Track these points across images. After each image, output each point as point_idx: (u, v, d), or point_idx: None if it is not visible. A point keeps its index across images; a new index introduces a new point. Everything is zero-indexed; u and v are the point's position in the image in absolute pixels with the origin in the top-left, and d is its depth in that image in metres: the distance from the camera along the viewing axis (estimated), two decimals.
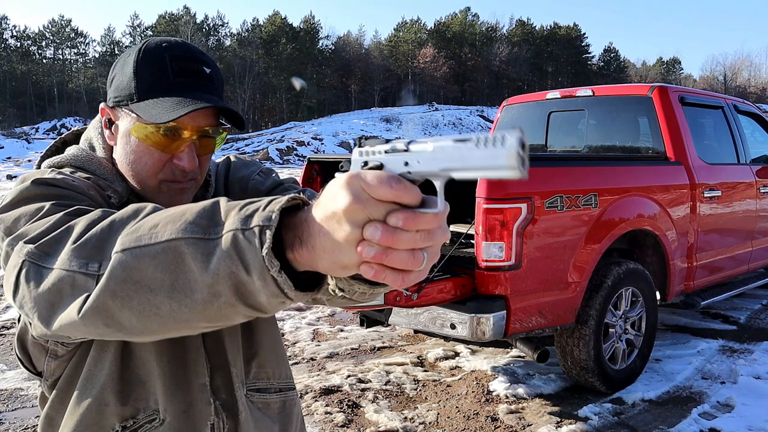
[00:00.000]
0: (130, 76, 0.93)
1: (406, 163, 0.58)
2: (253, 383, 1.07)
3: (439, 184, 0.59)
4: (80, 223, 0.74)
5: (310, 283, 0.67)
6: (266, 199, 0.65)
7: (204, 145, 0.96)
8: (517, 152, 0.50)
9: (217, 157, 1.19)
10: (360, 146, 0.64)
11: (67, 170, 0.96)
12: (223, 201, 0.68)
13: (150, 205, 0.74)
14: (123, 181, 0.99)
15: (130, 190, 0.98)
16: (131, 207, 0.75)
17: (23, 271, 0.74)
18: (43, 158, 1.04)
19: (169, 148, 0.93)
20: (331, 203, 0.58)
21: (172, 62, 0.93)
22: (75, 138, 1.09)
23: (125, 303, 0.67)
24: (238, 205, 0.66)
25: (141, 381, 0.94)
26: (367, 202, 0.56)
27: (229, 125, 1.00)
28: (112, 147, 1.00)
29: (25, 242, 0.75)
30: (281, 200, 0.63)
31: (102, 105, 1.00)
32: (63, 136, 1.10)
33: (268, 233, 0.61)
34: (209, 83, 0.96)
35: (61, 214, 0.77)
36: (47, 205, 0.80)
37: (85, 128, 1.08)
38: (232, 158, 1.20)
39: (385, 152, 0.61)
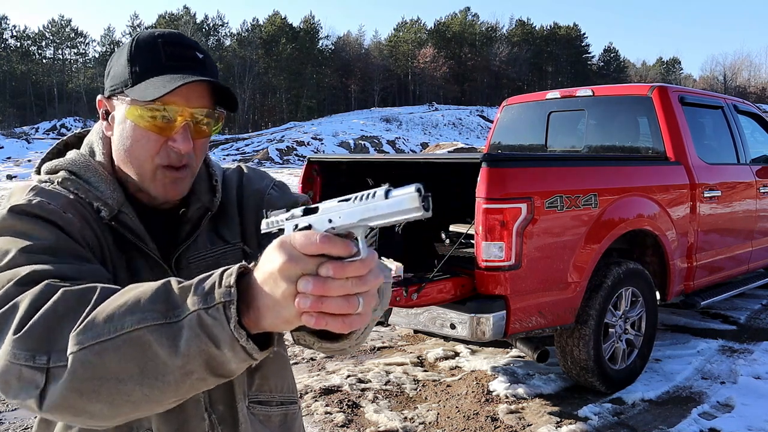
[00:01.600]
0: (125, 64, 0.94)
1: (330, 221, 0.66)
2: (255, 395, 1.06)
3: (359, 234, 0.66)
4: (24, 302, 0.72)
5: (266, 339, 0.71)
6: (218, 273, 0.69)
7: (199, 129, 0.95)
8: (418, 197, 0.60)
9: (213, 155, 1.17)
10: (266, 217, 0.74)
11: (62, 174, 0.97)
12: (173, 282, 0.71)
13: (97, 287, 0.74)
14: (119, 187, 0.97)
15: (123, 200, 0.96)
16: (74, 291, 0.73)
17: None
18: (43, 161, 1.04)
19: (164, 130, 0.92)
20: (268, 265, 0.65)
21: (165, 47, 0.93)
22: (77, 141, 1.08)
23: (93, 398, 0.68)
24: (192, 285, 0.69)
25: None
26: (299, 259, 0.63)
27: (224, 111, 0.99)
28: (111, 150, 1.00)
29: None
30: (233, 272, 0.68)
31: (99, 97, 1.00)
32: (66, 138, 1.10)
33: (232, 308, 0.66)
34: (202, 67, 0.95)
35: (12, 284, 0.75)
36: (12, 252, 0.80)
37: (89, 131, 1.08)
38: (244, 168, 1.18)
39: (286, 219, 0.71)
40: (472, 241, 3.12)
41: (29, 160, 30.93)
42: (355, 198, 0.65)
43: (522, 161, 3.15)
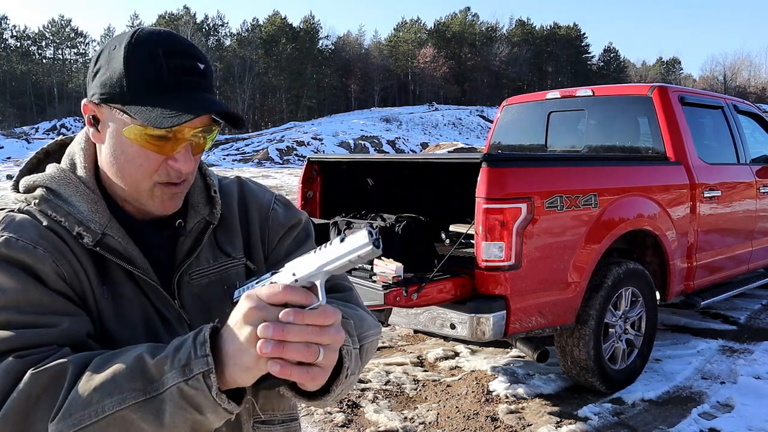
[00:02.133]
0: (120, 73, 0.84)
1: (294, 274, 0.72)
2: (258, 416, 1.04)
3: (319, 282, 0.72)
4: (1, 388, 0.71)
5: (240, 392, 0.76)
6: (190, 340, 0.73)
7: (198, 144, 0.91)
8: (368, 236, 0.66)
9: (213, 155, 1.14)
10: (238, 287, 0.79)
11: (39, 193, 0.90)
12: (146, 356, 0.73)
13: (69, 367, 0.73)
14: (103, 203, 0.91)
15: (107, 219, 0.90)
16: (46, 372, 0.72)
17: None
18: (21, 173, 0.97)
19: (164, 149, 0.86)
20: (235, 313, 0.71)
21: (167, 59, 0.84)
22: (59, 148, 1.01)
23: None
24: (168, 357, 0.72)
25: None
26: (263, 307, 0.69)
27: (221, 121, 0.94)
28: (94, 161, 0.94)
29: None
30: (206, 339, 0.72)
31: (84, 101, 0.90)
32: (47, 146, 1.02)
33: (212, 377, 0.70)
34: (204, 80, 0.89)
35: (16, 365, 0.74)
36: None
37: (70, 137, 1.01)
38: (243, 179, 1.14)
39: (256, 283, 0.76)
40: (472, 241, 3.12)
41: None
42: (316, 250, 0.71)
43: (522, 161, 3.15)
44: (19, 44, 66.78)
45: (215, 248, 1.01)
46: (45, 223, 0.87)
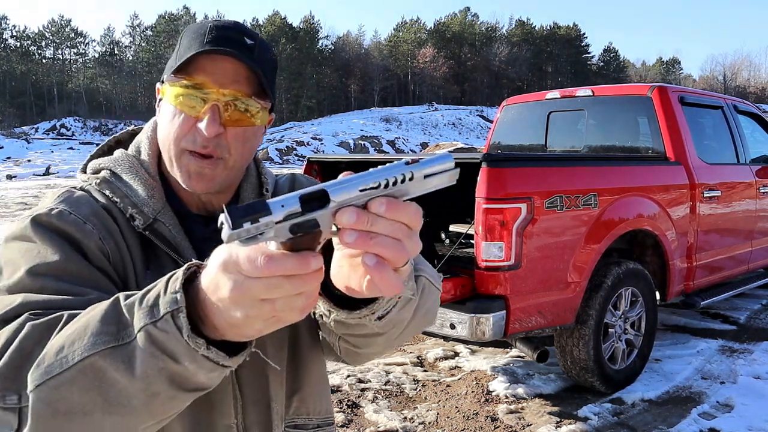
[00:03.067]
0: (176, 49, 0.89)
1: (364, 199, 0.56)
2: (292, 420, 1.00)
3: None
4: (2, 340, 0.69)
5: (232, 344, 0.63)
6: (163, 280, 0.63)
7: (234, 116, 0.86)
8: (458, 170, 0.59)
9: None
10: (237, 227, 0.52)
11: (103, 175, 0.93)
12: (121, 297, 0.66)
13: (64, 316, 0.69)
14: (160, 190, 0.92)
15: (161, 205, 0.91)
16: (41, 325, 0.68)
17: None
18: (92, 157, 1.01)
19: (192, 109, 0.85)
20: (213, 291, 0.57)
21: (212, 29, 0.86)
22: (129, 137, 1.04)
23: None
24: (137, 299, 0.64)
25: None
26: (249, 287, 0.54)
27: (266, 102, 0.89)
28: (157, 148, 0.95)
29: None
30: (178, 276, 0.62)
31: (157, 85, 0.95)
32: (118, 134, 1.05)
33: (182, 316, 0.59)
34: (248, 52, 0.86)
35: (24, 320, 0.71)
36: (20, 271, 0.77)
37: (141, 127, 1.04)
38: (297, 175, 1.12)
39: (277, 222, 0.54)
40: (472, 241, 3.12)
41: (29, 160, 30.94)
42: (385, 185, 0.56)
43: (522, 161, 3.15)
44: (19, 44, 66.80)
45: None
46: (102, 202, 0.89)
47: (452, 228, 3.87)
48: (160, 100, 0.93)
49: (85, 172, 0.97)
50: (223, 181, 0.91)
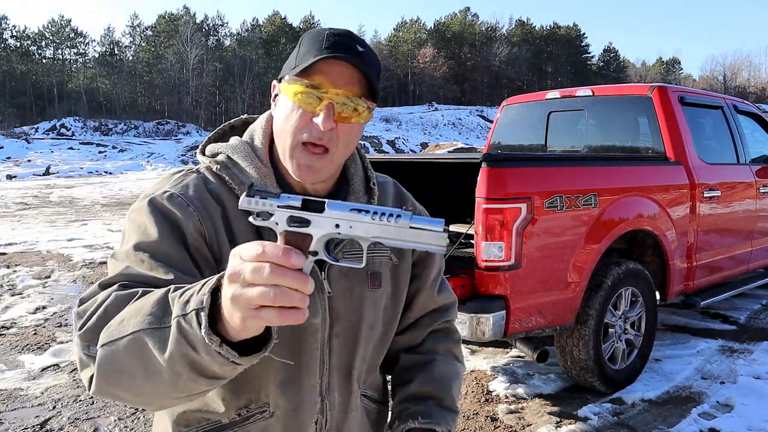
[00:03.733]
0: (295, 52, 1.01)
1: (338, 226, 0.67)
2: (365, 389, 1.18)
3: (365, 247, 0.70)
4: (96, 302, 0.86)
5: (258, 343, 0.75)
6: (200, 283, 0.75)
7: (344, 113, 0.97)
8: (446, 236, 0.63)
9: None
10: (249, 194, 0.71)
11: (221, 159, 1.06)
12: (172, 289, 0.79)
13: (138, 292, 0.84)
14: (272, 176, 1.04)
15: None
16: (123, 296, 0.85)
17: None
18: (209, 140, 1.14)
19: (309, 105, 0.96)
20: (224, 293, 0.69)
21: (329, 36, 0.98)
22: (243, 125, 1.17)
23: (116, 387, 0.81)
24: (179, 293, 0.76)
25: (255, 378, 1.02)
26: (242, 268, 0.66)
27: (372, 103, 1.01)
28: (270, 138, 1.08)
29: (78, 303, 0.90)
30: (212, 282, 0.72)
31: (273, 82, 1.07)
32: (232, 121, 1.17)
33: (203, 315, 0.70)
34: (359, 59, 0.97)
35: (98, 284, 0.91)
36: (130, 243, 0.94)
37: (253, 117, 1.16)
38: (397, 182, 1.27)
39: (279, 207, 0.70)
40: (472, 241, 3.12)
41: (29, 160, 30.91)
42: (373, 213, 0.66)
43: (522, 161, 3.15)
44: (19, 44, 66.73)
45: None
46: (213, 184, 1.04)
47: (452, 228, 3.87)
48: (276, 95, 1.05)
49: (204, 154, 1.10)
50: (328, 173, 1.03)
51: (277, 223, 0.69)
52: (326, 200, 0.67)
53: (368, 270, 1.12)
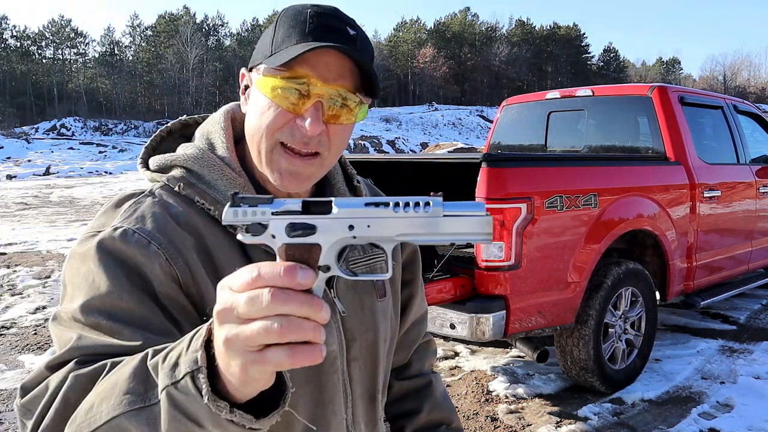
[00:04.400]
0: (270, 34, 0.83)
1: (352, 227, 0.53)
2: (384, 415, 1.06)
3: (388, 250, 0.56)
4: (51, 390, 0.68)
5: (270, 397, 0.58)
6: (187, 337, 0.58)
7: (334, 112, 0.80)
8: (491, 221, 0.51)
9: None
10: (234, 203, 0.54)
11: (177, 173, 0.86)
12: (150, 353, 0.62)
13: (106, 365, 0.67)
14: (248, 184, 0.87)
15: None
16: (85, 375, 0.67)
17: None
18: (147, 151, 0.93)
19: (293, 105, 0.79)
20: (216, 334, 0.53)
21: (312, 17, 0.80)
22: (181, 128, 0.97)
23: None
24: (161, 357, 0.59)
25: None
26: (234, 300, 0.51)
27: (368, 97, 0.83)
28: (234, 141, 0.90)
29: (21, 392, 0.72)
30: (202, 332, 0.56)
31: (242, 70, 0.89)
32: (169, 125, 0.97)
33: (201, 377, 0.54)
34: (351, 43, 0.80)
35: (45, 366, 0.72)
36: (76, 302, 0.74)
37: (193, 117, 0.98)
38: (370, 182, 1.12)
39: (273, 213, 0.53)
40: None
41: (29, 160, 30.92)
42: (395, 205, 0.52)
43: (522, 161, 3.15)
44: (19, 44, 66.76)
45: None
46: (177, 208, 0.82)
47: None
48: (246, 87, 0.87)
49: (147, 168, 0.90)
50: (315, 180, 0.86)
51: (273, 236, 0.53)
52: (332, 198, 0.53)
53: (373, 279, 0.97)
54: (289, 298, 0.49)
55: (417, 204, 0.52)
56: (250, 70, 0.86)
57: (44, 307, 5.32)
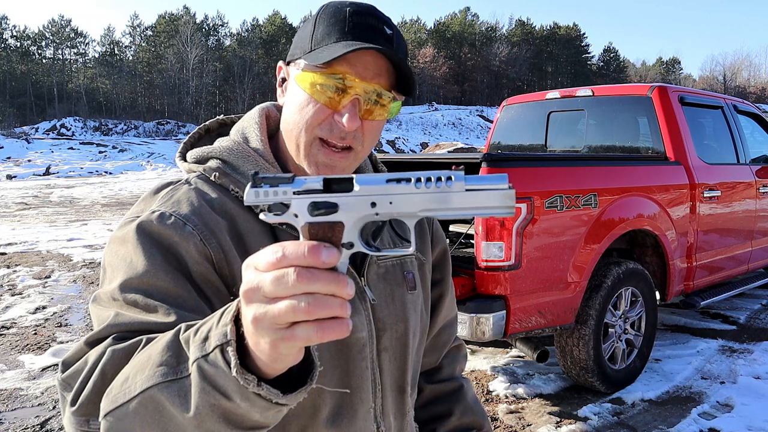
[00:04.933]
0: (309, 30, 0.86)
1: (374, 204, 0.53)
2: (413, 408, 1.06)
3: (412, 226, 0.56)
4: (89, 364, 0.70)
5: (299, 375, 0.60)
6: (218, 313, 0.59)
7: (370, 109, 0.84)
8: (513, 194, 0.51)
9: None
10: (255, 184, 0.54)
11: (213, 164, 0.90)
12: (183, 327, 0.63)
13: (142, 340, 0.69)
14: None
15: None
16: (122, 350, 0.69)
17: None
18: (186, 146, 0.97)
19: (331, 101, 0.83)
20: (244, 312, 0.54)
21: (352, 15, 0.84)
22: (219, 127, 1.02)
23: None
24: (192, 331, 0.61)
25: (296, 418, 0.87)
26: (260, 280, 0.51)
27: (402, 95, 0.87)
28: (269, 136, 0.94)
29: (62, 367, 0.74)
30: (232, 308, 0.57)
31: (279, 63, 0.93)
32: (207, 123, 1.02)
33: (230, 350, 0.55)
34: (388, 43, 0.84)
35: (85, 340, 0.74)
36: (116, 281, 0.77)
37: (230, 117, 1.02)
38: None
39: (295, 193, 0.53)
40: (472, 241, 3.12)
41: (29, 160, 30.92)
42: (416, 180, 0.52)
43: (522, 161, 3.15)
44: (19, 44, 66.76)
45: (392, 233, 1.02)
46: (212, 195, 0.86)
47: (452, 228, 3.87)
48: (284, 80, 0.91)
49: (185, 160, 0.94)
50: (350, 172, 0.88)
51: (296, 215, 0.53)
52: (353, 175, 0.53)
53: (403, 270, 1.00)
54: (314, 277, 0.50)
55: (439, 179, 0.52)
56: (288, 63, 0.89)
57: (44, 307, 5.32)
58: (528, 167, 3.10)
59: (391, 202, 0.53)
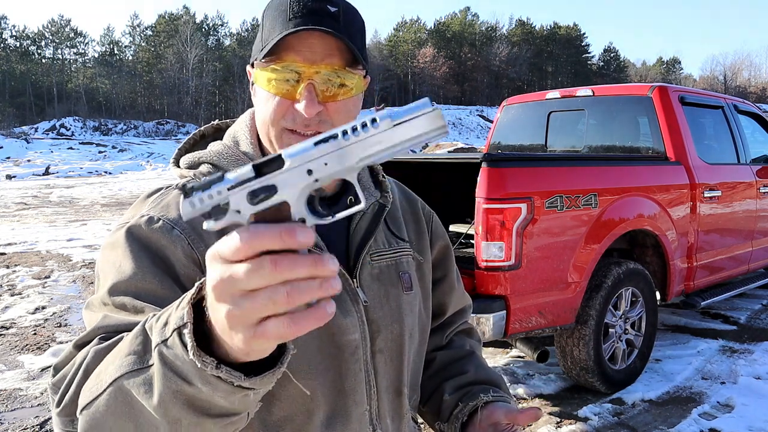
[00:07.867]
0: (260, 29, 0.87)
1: (311, 171, 0.50)
2: (412, 412, 1.04)
3: (353, 179, 0.53)
4: (75, 366, 0.70)
5: (270, 358, 0.55)
6: (180, 299, 0.58)
7: (330, 91, 0.83)
8: (440, 113, 0.49)
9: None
10: (188, 196, 0.50)
11: (204, 169, 0.91)
12: (150, 317, 0.62)
13: (122, 337, 0.69)
14: None
15: None
16: (104, 349, 0.69)
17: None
18: (180, 152, 0.98)
19: (288, 92, 0.83)
20: (208, 296, 0.51)
21: (292, 3, 0.83)
22: (214, 132, 1.03)
23: None
24: (155, 317, 0.60)
25: (289, 421, 0.86)
26: (231, 273, 0.47)
27: (364, 70, 0.86)
28: (259, 136, 0.94)
29: (53, 371, 0.75)
30: (192, 292, 0.55)
31: (247, 67, 0.92)
32: (202, 129, 1.03)
33: (186, 333, 0.53)
34: (333, 21, 0.82)
35: (74, 344, 0.74)
36: (106, 285, 0.78)
37: (225, 122, 1.03)
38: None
39: (229, 189, 0.49)
40: (472, 241, 3.11)
41: (28, 160, 30.91)
42: (343, 133, 0.50)
43: (522, 161, 3.15)
44: (18, 44, 66.78)
45: (388, 233, 1.01)
46: None
47: (452, 228, 3.87)
48: (252, 84, 0.91)
49: (178, 166, 0.95)
50: None
51: (238, 211, 0.49)
52: (281, 151, 0.51)
53: (399, 271, 0.99)
54: (293, 263, 0.45)
55: (364, 125, 0.50)
56: (252, 66, 0.89)
57: (44, 307, 5.31)
58: (528, 167, 3.09)
59: (326, 163, 0.50)
